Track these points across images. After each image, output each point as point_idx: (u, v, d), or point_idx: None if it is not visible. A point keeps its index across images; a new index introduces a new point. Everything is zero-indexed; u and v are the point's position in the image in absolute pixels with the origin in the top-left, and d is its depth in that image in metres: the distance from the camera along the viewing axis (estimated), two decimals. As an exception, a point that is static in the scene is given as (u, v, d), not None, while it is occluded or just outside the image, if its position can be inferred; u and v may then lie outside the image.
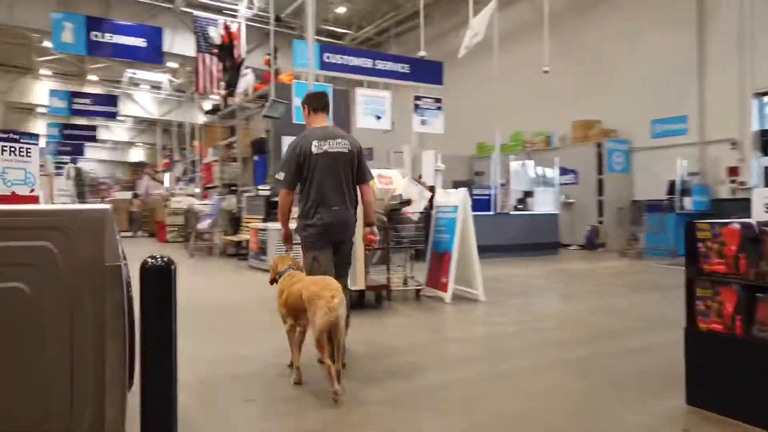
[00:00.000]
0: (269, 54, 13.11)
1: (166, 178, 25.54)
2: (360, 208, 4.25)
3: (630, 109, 13.59)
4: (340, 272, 4.08)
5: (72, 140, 28.77)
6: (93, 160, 41.06)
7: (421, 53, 12.85)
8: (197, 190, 18.53)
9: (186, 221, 14.67)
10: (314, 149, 3.95)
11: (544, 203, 12.70)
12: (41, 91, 27.72)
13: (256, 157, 13.51)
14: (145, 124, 37.54)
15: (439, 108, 12.78)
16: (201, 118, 19.25)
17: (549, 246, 12.25)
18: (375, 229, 4.26)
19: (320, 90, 5.07)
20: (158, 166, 30.00)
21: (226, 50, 15.98)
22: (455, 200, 6.85)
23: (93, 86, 29.86)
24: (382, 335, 5.06)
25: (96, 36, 14.80)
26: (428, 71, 12.95)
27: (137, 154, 42.52)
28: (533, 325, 5.46)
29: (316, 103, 4.21)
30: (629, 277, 9.05)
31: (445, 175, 14.26)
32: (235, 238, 12.01)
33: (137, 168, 38.87)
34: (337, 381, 3.25)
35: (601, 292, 7.58)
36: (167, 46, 18.74)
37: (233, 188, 14.46)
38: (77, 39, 14.59)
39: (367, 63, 12.12)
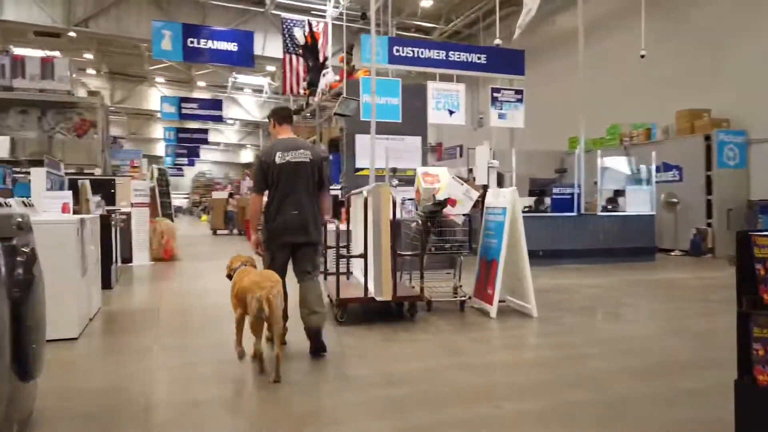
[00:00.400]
0: (345, 51, 12.87)
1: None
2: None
3: (746, 96, 11.74)
4: (303, 273, 4.47)
5: (186, 143, 30.78)
6: (208, 161, 43.77)
7: (497, 41, 11.88)
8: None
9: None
10: (278, 159, 4.39)
11: (639, 203, 11.29)
12: (156, 97, 29.77)
13: (331, 156, 13.33)
14: (251, 126, 39.33)
15: (519, 101, 11.82)
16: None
17: (644, 251, 10.87)
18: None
19: (283, 105, 5.60)
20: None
21: (309, 50, 16.07)
22: (504, 201, 6.07)
23: (201, 91, 31.67)
24: (391, 356, 4.46)
25: (192, 42, 15.49)
26: (507, 61, 11.95)
27: (247, 155, 44.75)
28: (578, 350, 4.59)
29: (279, 116, 4.69)
30: (730, 291, 7.60)
31: (530, 172, 13.28)
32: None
33: (245, 169, 40.85)
34: (276, 366, 3.61)
35: (684, 310, 6.41)
36: (260, 49, 19.23)
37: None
38: (175, 46, 15.31)
39: (439, 55, 11.43)
